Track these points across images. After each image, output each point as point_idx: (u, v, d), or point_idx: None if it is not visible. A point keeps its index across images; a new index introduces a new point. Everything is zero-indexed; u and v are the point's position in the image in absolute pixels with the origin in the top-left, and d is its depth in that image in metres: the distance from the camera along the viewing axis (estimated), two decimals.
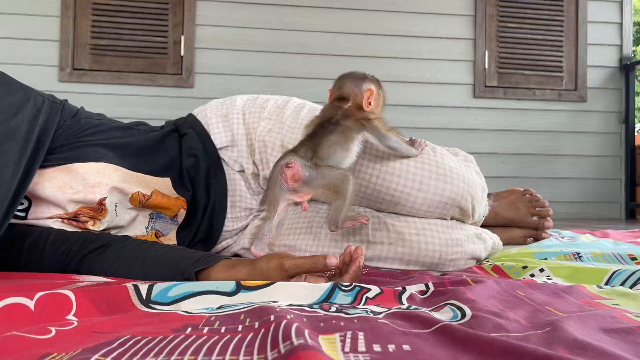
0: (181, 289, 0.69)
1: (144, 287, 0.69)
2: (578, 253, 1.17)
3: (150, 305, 0.66)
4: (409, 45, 3.65)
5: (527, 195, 1.42)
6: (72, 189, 0.95)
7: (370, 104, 0.97)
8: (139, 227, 1.04)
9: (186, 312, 0.63)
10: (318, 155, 0.87)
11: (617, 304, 0.69)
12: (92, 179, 0.95)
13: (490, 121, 3.71)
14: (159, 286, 0.69)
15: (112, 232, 1.01)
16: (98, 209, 0.97)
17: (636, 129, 3.90)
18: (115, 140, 1.03)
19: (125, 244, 0.91)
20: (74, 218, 0.96)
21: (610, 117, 3.83)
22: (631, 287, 0.85)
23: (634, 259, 1.11)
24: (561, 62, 3.77)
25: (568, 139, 3.78)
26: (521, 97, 3.73)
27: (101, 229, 0.98)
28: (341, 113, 0.94)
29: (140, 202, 1.01)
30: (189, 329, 0.55)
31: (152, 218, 1.06)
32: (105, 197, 0.97)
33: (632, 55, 3.87)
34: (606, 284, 0.89)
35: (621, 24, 3.84)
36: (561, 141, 3.78)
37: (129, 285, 0.69)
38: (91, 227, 0.97)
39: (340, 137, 0.91)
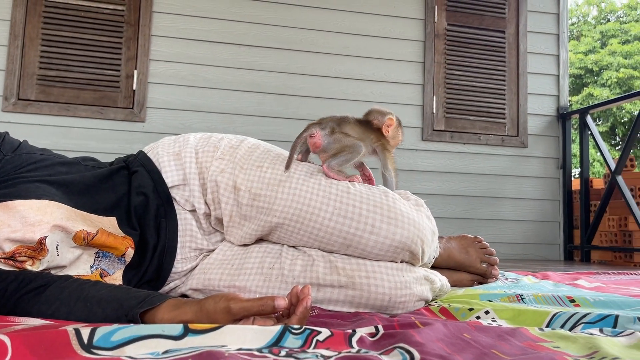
0: (125, 332, 0.67)
1: (85, 331, 0.66)
2: (521, 295, 1.21)
3: (92, 350, 0.63)
4: (361, 88, 3.76)
5: (477, 242, 1.46)
6: (9, 228, 0.90)
7: (388, 131, 1.16)
8: (82, 267, 1.00)
9: (130, 357, 0.61)
10: (340, 129, 1.09)
11: (557, 347, 0.72)
12: (32, 217, 0.91)
13: (438, 163, 3.83)
14: (102, 330, 0.66)
15: (53, 272, 0.96)
16: (37, 248, 0.92)
17: (573, 175, 4.12)
18: (59, 177, 1.00)
19: (66, 284, 0.87)
20: (10, 257, 0.92)
21: (549, 163, 4.03)
22: (570, 329, 0.88)
23: (572, 301, 1.16)
24: (504, 109, 3.96)
25: (510, 182, 3.95)
26: (467, 142, 3.88)
27: (40, 269, 0.94)
28: (366, 118, 1.16)
29: (84, 241, 0.97)
30: None
31: (98, 257, 1.02)
32: (46, 236, 0.92)
33: (568, 105, 4.13)
34: (547, 326, 0.92)
35: (558, 76, 4.10)
36: (504, 184, 3.94)
37: (69, 328, 0.66)
38: (29, 267, 0.92)
39: (359, 129, 1.12)
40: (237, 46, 3.62)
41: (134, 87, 3.43)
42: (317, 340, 0.70)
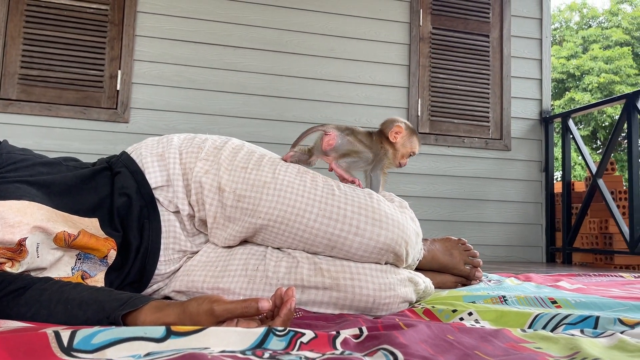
0: (107, 335, 0.66)
1: (65, 334, 0.65)
2: (504, 296, 1.22)
3: (72, 353, 0.62)
4: (346, 90, 3.77)
5: (461, 245, 1.47)
6: None
7: (396, 138, 1.20)
8: (63, 269, 0.99)
9: None
10: (354, 136, 1.15)
11: (539, 348, 0.72)
12: (11, 218, 0.90)
13: (422, 166, 3.85)
14: (83, 332, 0.65)
15: (33, 274, 0.95)
16: (17, 249, 0.91)
17: (555, 178, 4.17)
18: (40, 177, 0.98)
19: (47, 286, 0.86)
20: None
21: (532, 166, 4.08)
22: (552, 330, 0.89)
23: (554, 302, 1.17)
24: (488, 112, 4.00)
25: (494, 185, 3.98)
26: (451, 144, 3.91)
27: (20, 270, 0.92)
28: (377, 133, 1.22)
29: (65, 243, 0.96)
30: None
31: (80, 259, 1.00)
32: (26, 238, 0.91)
33: (551, 109, 4.18)
34: (529, 327, 0.93)
35: (541, 80, 4.15)
36: (487, 187, 3.97)
37: (49, 331, 0.65)
38: (9, 269, 0.91)
39: (369, 139, 1.18)
40: (222, 47, 3.60)
41: (118, 88, 3.40)
42: (301, 342, 0.70)
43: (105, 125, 3.38)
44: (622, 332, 0.82)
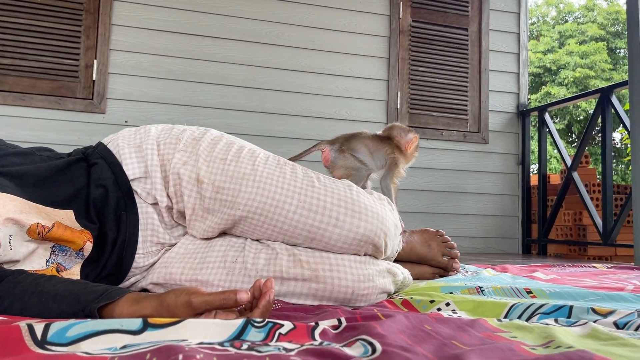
0: (81, 327, 0.65)
1: (39, 327, 0.64)
2: (480, 287, 1.23)
3: (46, 346, 0.61)
4: (326, 82, 3.76)
5: (439, 236, 1.49)
6: None
7: (409, 148, 1.28)
8: (37, 261, 0.97)
9: (86, 353, 0.59)
10: (348, 145, 1.22)
11: (515, 337, 0.74)
12: None
13: None
14: (57, 325, 0.64)
15: (6, 266, 0.93)
16: None
17: (531, 170, 4.23)
18: (12, 168, 0.96)
19: (20, 279, 0.84)
20: None
21: (509, 159, 4.13)
22: (527, 319, 0.91)
23: (529, 292, 1.19)
24: (466, 105, 4.04)
25: (471, 177, 4.03)
26: (430, 137, 3.94)
27: None
28: (387, 134, 1.26)
29: (39, 235, 0.94)
30: None
31: (55, 251, 0.98)
32: None
33: (528, 102, 4.23)
34: (505, 316, 0.95)
35: (518, 74, 4.20)
36: (465, 179, 4.01)
37: (22, 324, 0.64)
38: None
39: (373, 142, 1.23)
40: (201, 37, 3.56)
41: (94, 78, 3.34)
42: (280, 334, 0.70)
43: (80, 116, 3.32)
44: (594, 321, 0.84)
